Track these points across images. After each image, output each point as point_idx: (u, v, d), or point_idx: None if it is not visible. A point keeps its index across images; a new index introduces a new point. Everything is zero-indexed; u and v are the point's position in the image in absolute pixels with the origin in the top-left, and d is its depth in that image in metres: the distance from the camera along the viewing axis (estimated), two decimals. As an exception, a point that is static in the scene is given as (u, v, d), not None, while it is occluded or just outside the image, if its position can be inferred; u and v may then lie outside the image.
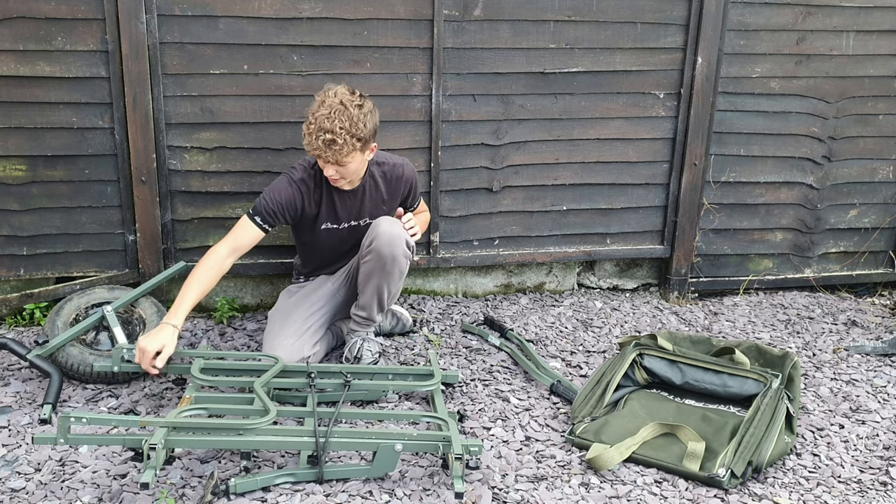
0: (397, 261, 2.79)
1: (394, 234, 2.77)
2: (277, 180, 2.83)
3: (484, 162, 3.47)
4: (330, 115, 2.60)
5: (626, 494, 2.28)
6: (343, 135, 2.60)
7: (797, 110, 3.67)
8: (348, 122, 2.61)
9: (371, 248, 2.79)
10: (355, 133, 2.62)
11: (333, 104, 2.62)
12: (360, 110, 2.65)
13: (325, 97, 2.66)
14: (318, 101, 2.67)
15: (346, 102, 2.63)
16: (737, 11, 3.46)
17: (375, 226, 2.80)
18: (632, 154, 3.60)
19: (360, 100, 2.68)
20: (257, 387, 2.43)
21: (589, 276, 3.92)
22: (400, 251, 2.78)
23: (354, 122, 2.62)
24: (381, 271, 2.80)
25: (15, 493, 2.19)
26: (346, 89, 2.69)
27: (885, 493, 2.34)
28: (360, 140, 2.65)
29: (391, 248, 2.76)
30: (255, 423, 2.22)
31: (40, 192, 3.10)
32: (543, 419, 2.67)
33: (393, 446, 2.21)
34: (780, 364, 2.71)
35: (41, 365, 2.68)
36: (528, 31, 3.32)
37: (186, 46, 3.06)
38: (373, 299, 2.88)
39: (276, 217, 2.79)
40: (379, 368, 2.76)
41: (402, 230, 2.81)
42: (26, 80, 2.96)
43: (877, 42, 3.63)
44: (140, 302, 3.00)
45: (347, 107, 2.62)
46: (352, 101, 2.64)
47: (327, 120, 2.60)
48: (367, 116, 2.67)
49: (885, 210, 3.91)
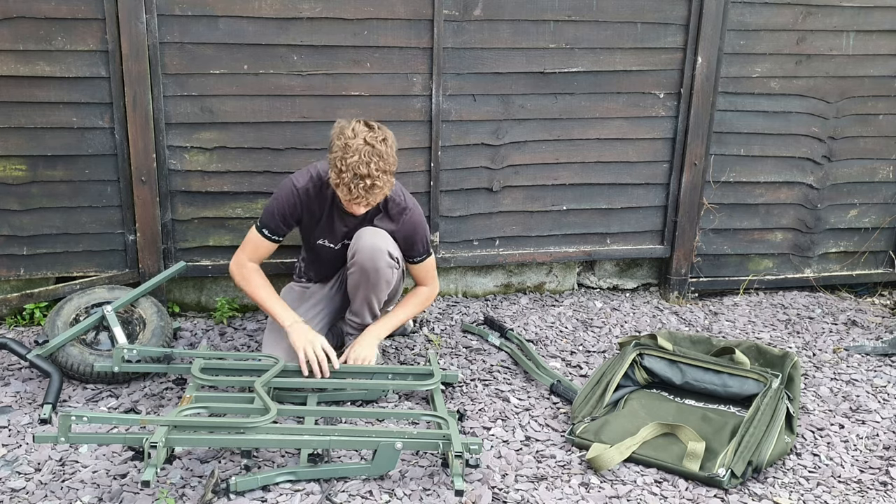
0: (381, 272, 2.75)
1: (375, 246, 2.72)
2: (280, 188, 2.79)
3: (484, 162, 3.47)
4: (361, 159, 2.50)
5: (626, 494, 2.28)
6: (380, 175, 2.53)
7: (797, 110, 3.67)
8: (381, 161, 2.53)
9: (354, 262, 2.75)
10: (389, 170, 2.57)
11: (360, 147, 2.51)
12: (385, 145, 2.56)
13: (348, 140, 2.53)
14: (340, 146, 2.54)
15: (371, 141, 2.53)
16: (737, 11, 3.46)
17: (357, 238, 2.75)
18: (632, 154, 3.60)
19: (381, 132, 2.59)
20: (258, 386, 2.43)
21: (589, 276, 3.92)
22: (383, 263, 2.73)
23: (386, 160, 2.55)
24: (367, 283, 2.77)
25: (15, 493, 2.19)
26: (362, 126, 2.58)
27: (885, 493, 2.34)
28: (393, 174, 2.61)
29: (373, 262, 2.72)
30: (256, 421, 2.22)
31: (40, 192, 3.10)
32: (543, 419, 2.67)
33: (393, 444, 2.21)
34: (780, 364, 2.72)
35: (41, 365, 2.69)
36: (528, 31, 3.32)
37: (186, 46, 3.06)
38: (363, 307, 2.86)
39: (281, 227, 2.79)
40: (379, 368, 2.76)
41: (385, 240, 2.74)
42: (26, 80, 2.96)
43: (877, 42, 3.63)
44: (140, 302, 3.00)
45: (375, 146, 2.53)
46: (376, 138, 2.55)
47: (362, 166, 2.50)
48: (391, 148, 2.59)
49: (885, 210, 3.91)
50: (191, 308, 3.49)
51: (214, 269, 3.32)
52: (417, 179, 3.40)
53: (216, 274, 3.34)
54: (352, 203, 2.61)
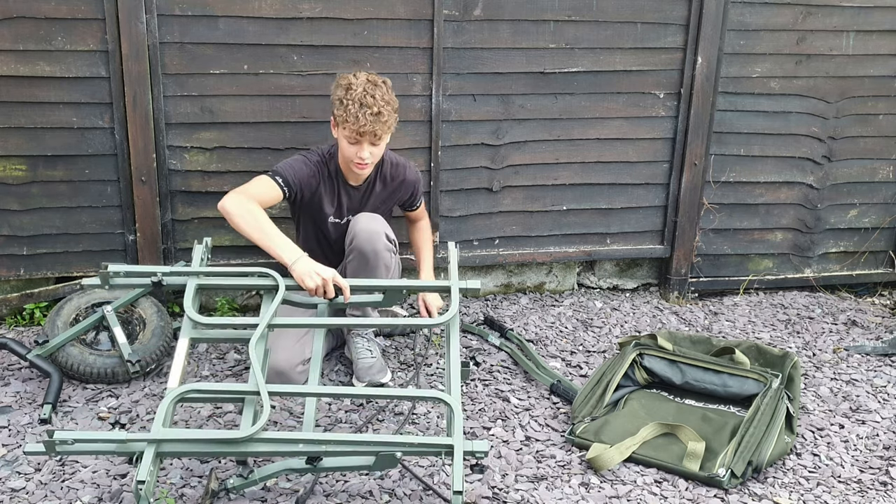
0: (380, 255, 2.77)
1: (372, 229, 2.76)
2: (292, 159, 2.82)
3: (484, 162, 3.47)
4: (367, 91, 2.63)
5: (626, 494, 2.28)
6: (385, 107, 2.65)
7: (797, 110, 3.67)
8: (386, 94, 2.68)
9: (352, 247, 2.79)
10: (392, 104, 2.70)
11: (363, 83, 2.66)
12: (385, 85, 2.71)
13: (350, 81, 2.68)
14: (343, 86, 2.68)
15: (373, 80, 2.69)
16: (737, 11, 3.46)
17: (354, 223, 2.81)
18: (632, 154, 3.60)
19: (380, 79, 2.73)
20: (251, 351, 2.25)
21: (589, 275, 3.92)
22: (381, 245, 2.77)
23: (388, 95, 2.69)
24: (367, 267, 2.79)
25: (15, 493, 2.19)
26: (362, 72, 2.74)
27: (885, 493, 2.34)
28: (396, 113, 2.73)
29: (372, 244, 2.75)
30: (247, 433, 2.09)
31: (40, 192, 3.10)
32: (543, 419, 2.67)
33: (393, 455, 2.12)
34: (780, 364, 2.72)
35: (41, 365, 2.69)
36: (528, 31, 3.32)
37: (186, 46, 3.06)
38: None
39: (294, 183, 2.77)
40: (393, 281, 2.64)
41: (381, 224, 2.80)
42: (26, 80, 2.96)
43: (877, 42, 3.63)
44: (140, 302, 3.00)
45: (378, 83, 2.68)
46: (377, 79, 2.71)
47: (368, 96, 2.62)
48: (391, 91, 2.73)
49: (885, 210, 3.91)
50: (191, 308, 3.48)
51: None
52: (417, 179, 3.41)
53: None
54: (359, 134, 2.64)
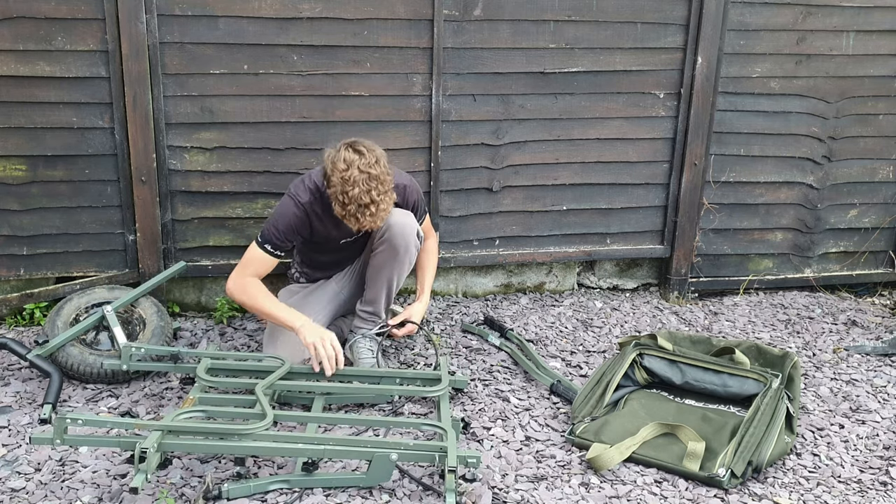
0: (409, 251, 2.84)
1: (406, 224, 2.82)
2: (282, 205, 2.76)
3: (484, 162, 3.47)
4: (362, 189, 2.54)
5: (626, 494, 2.28)
6: (383, 198, 2.59)
7: (797, 110, 3.67)
8: (381, 185, 2.57)
9: (384, 239, 2.81)
10: (388, 189, 2.61)
11: (357, 178, 2.54)
12: (378, 167, 2.59)
13: (343, 174, 2.55)
14: (338, 181, 2.56)
15: (365, 169, 2.55)
16: (737, 11, 3.46)
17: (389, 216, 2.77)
18: (632, 154, 3.60)
19: (370, 154, 2.60)
20: (259, 391, 2.41)
21: (589, 275, 3.92)
22: (412, 241, 2.83)
23: (384, 182, 2.59)
24: (394, 261, 2.83)
25: (15, 493, 2.19)
26: (351, 153, 2.58)
27: (885, 493, 2.34)
28: (392, 186, 2.65)
29: (404, 239, 2.81)
30: (250, 427, 2.19)
31: (40, 192, 3.10)
32: (543, 419, 2.67)
33: (388, 456, 2.18)
34: (780, 364, 2.72)
35: (41, 365, 2.69)
36: (528, 31, 3.32)
37: (186, 46, 3.06)
38: (381, 292, 2.90)
39: (287, 242, 2.78)
40: (387, 372, 2.75)
41: (414, 220, 2.85)
42: (26, 80, 2.97)
43: (877, 42, 3.63)
44: (140, 302, 3.00)
45: (371, 172, 2.56)
46: (368, 164, 2.57)
47: (364, 196, 2.54)
48: (384, 166, 2.61)
49: (885, 210, 3.91)
50: (191, 308, 3.49)
51: (214, 269, 3.32)
52: (417, 179, 3.37)
53: (216, 274, 3.34)
54: (359, 228, 2.68)
